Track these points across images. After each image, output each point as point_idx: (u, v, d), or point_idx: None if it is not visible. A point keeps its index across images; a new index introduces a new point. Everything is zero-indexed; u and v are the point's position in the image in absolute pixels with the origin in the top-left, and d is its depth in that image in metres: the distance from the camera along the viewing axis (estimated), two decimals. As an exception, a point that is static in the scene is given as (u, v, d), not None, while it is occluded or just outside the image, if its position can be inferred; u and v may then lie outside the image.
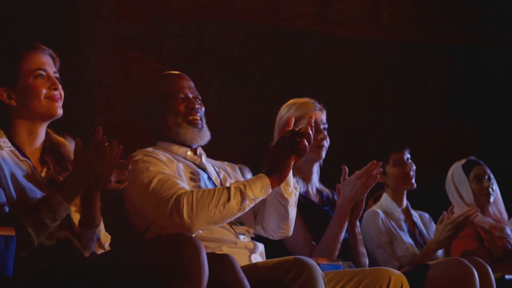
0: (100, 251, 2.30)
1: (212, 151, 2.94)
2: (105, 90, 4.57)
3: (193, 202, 2.47)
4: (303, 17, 5.55)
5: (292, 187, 2.68)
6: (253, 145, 3.90)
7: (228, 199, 2.48)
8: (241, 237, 2.69)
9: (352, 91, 5.56)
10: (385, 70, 5.68)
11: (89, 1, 4.58)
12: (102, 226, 2.32)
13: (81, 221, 2.27)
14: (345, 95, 5.45)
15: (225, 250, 2.59)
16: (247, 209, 2.53)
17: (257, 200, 2.54)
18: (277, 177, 2.54)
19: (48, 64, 2.32)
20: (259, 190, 2.51)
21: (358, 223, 3.19)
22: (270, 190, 2.54)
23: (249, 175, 3.61)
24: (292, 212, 2.73)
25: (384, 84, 5.70)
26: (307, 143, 2.53)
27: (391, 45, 5.72)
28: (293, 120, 2.59)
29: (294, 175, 2.72)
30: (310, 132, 2.54)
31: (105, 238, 2.33)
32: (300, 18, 5.53)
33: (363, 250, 3.22)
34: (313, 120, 2.61)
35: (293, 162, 2.55)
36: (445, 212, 3.40)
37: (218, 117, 3.32)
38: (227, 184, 2.73)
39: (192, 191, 2.50)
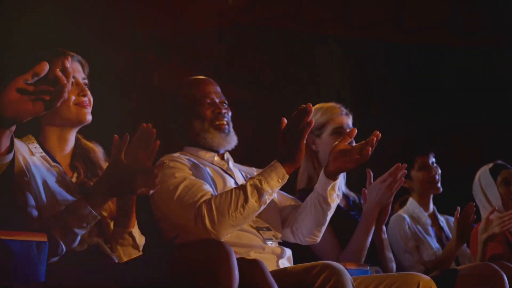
0: (134, 252, 2.31)
1: (239, 155, 2.93)
2: (130, 95, 4.58)
3: (213, 211, 2.46)
4: (325, 21, 5.54)
5: (336, 193, 2.68)
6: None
7: (246, 200, 2.47)
8: (269, 242, 2.69)
9: (376, 95, 5.54)
10: (407, 73, 5.65)
11: (111, 6, 4.60)
12: (137, 228, 2.32)
13: (116, 221, 2.28)
14: (369, 99, 5.43)
15: (253, 255, 2.59)
16: (268, 201, 2.52)
17: (276, 191, 2.53)
18: (291, 162, 2.50)
19: (77, 70, 2.32)
20: (276, 181, 2.50)
21: (384, 228, 3.17)
22: (287, 177, 2.52)
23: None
24: (328, 219, 2.73)
25: (406, 88, 5.67)
26: (370, 152, 2.52)
27: (413, 48, 5.69)
28: (311, 106, 2.44)
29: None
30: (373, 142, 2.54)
31: (140, 239, 2.33)
32: (323, 23, 5.52)
33: (390, 255, 3.19)
34: (374, 140, 2.57)
35: (304, 144, 2.46)
36: (458, 208, 3.36)
37: (245, 122, 3.31)
38: None
39: (210, 199, 2.49)
